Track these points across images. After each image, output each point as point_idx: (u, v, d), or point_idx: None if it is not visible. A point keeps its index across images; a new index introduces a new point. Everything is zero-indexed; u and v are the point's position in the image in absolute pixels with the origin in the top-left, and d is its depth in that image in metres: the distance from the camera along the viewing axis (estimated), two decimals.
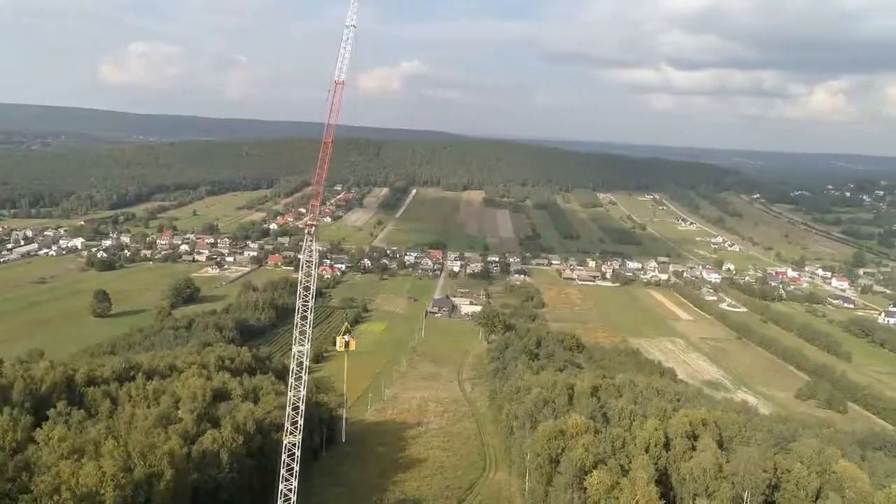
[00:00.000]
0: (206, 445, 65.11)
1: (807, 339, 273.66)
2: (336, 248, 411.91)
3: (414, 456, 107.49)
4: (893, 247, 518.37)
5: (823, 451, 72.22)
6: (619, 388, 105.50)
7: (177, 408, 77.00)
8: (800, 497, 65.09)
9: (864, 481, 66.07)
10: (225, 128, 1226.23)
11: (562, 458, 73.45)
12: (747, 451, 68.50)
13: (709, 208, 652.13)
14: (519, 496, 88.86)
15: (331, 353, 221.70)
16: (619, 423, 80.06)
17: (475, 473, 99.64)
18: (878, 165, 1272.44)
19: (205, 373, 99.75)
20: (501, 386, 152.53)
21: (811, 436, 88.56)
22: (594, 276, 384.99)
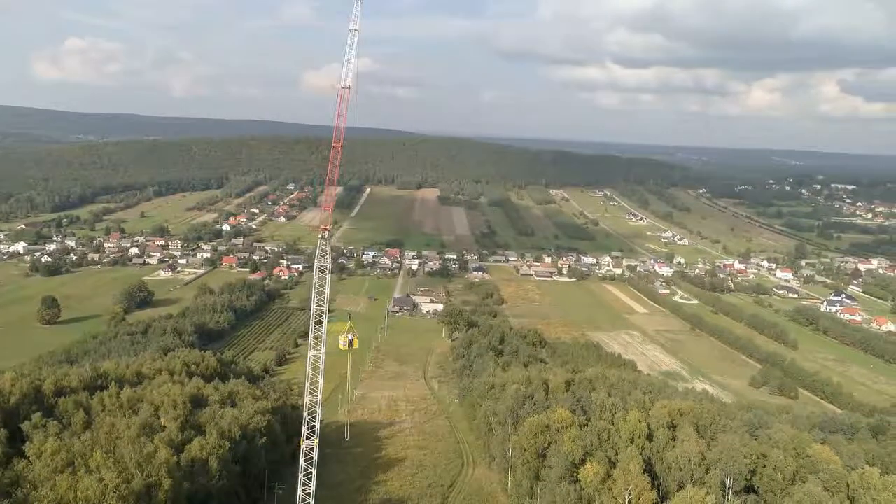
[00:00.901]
0: (195, 453, 63.89)
1: (756, 329, 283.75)
2: (292, 249, 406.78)
3: (392, 455, 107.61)
4: (831, 238, 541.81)
5: (797, 437, 75.62)
6: (591, 381, 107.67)
7: (157, 416, 75.15)
8: (777, 481, 67.97)
9: (837, 464, 69.45)
10: (171, 126, 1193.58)
11: (548, 452, 74.71)
12: (728, 439, 71.17)
13: (658, 203, 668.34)
14: (501, 492, 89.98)
15: (294, 355, 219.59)
16: (600, 415, 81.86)
17: (454, 471, 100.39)
18: (814, 160, 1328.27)
19: (177, 379, 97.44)
20: (471, 383, 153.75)
21: (777, 422, 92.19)
22: (551, 271, 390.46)
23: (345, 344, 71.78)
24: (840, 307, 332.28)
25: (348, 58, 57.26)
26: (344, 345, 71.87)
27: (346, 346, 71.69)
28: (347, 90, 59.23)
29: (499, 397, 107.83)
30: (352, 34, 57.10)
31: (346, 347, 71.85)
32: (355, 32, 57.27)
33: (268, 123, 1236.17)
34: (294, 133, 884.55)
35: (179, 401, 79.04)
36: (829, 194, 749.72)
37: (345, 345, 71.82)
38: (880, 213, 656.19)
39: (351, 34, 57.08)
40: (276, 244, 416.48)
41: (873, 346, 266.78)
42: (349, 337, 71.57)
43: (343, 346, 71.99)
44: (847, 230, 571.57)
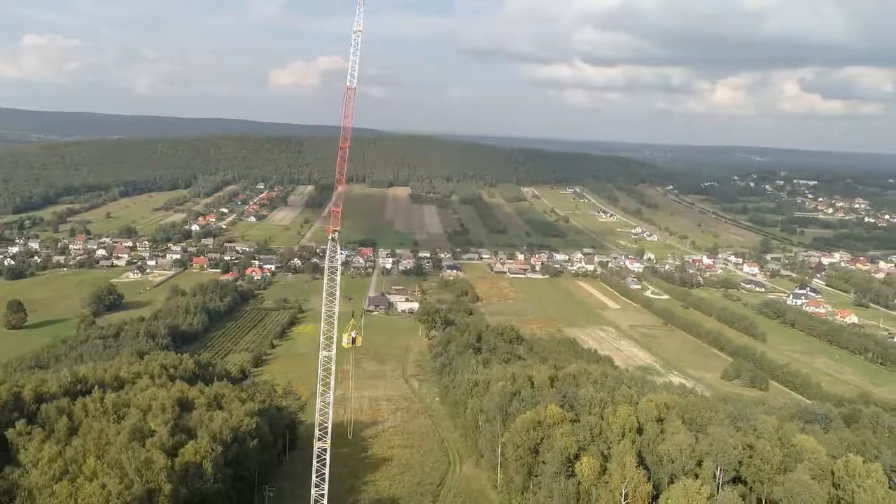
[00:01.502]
0: (188, 457, 63.05)
1: (726, 323, 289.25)
2: (264, 249, 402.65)
3: (378, 455, 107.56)
4: (795, 233, 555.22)
5: (782, 427, 77.64)
6: (575, 377, 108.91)
7: (145, 420, 73.89)
8: (765, 470, 69.75)
9: (821, 453, 71.51)
10: (135, 125, 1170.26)
11: (541, 447, 75.45)
12: (717, 431, 72.73)
13: (627, 200, 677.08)
14: (490, 488, 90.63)
15: (270, 356, 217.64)
16: (590, 411, 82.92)
17: (442, 469, 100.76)
18: (777, 157, 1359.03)
19: (159, 382, 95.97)
20: (452, 381, 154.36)
21: (757, 414, 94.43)
22: (524, 268, 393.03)
23: (349, 341, 71.54)
24: (805, 300, 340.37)
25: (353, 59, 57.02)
26: (348, 342, 71.68)
27: (350, 343, 71.45)
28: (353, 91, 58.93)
29: (484, 395, 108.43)
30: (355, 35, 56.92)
31: (349, 345, 71.66)
32: (359, 34, 57.07)
33: (235, 122, 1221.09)
34: (262, 132, 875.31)
35: (168, 404, 77.91)
36: (791, 190, 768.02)
37: (349, 342, 71.58)
38: (840, 208, 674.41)
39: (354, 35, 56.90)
40: (248, 244, 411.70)
41: (838, 338, 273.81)
42: (353, 334, 71.36)
43: (347, 343, 71.86)
44: (809, 225, 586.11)
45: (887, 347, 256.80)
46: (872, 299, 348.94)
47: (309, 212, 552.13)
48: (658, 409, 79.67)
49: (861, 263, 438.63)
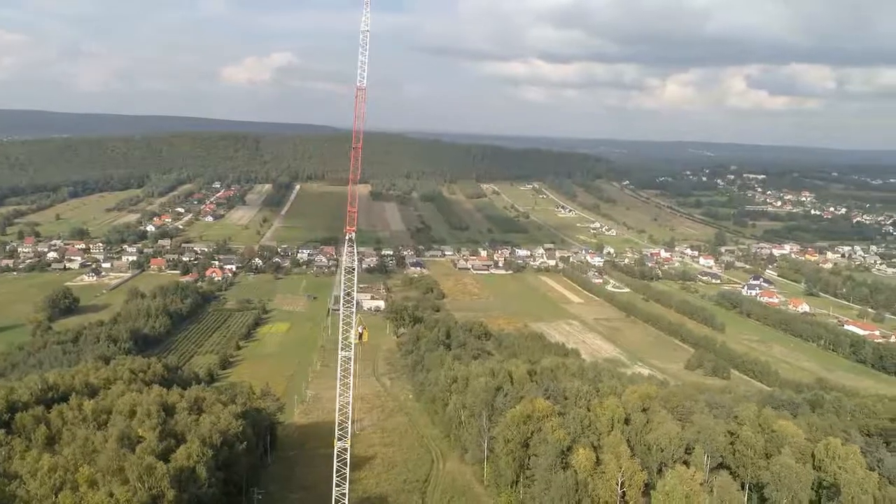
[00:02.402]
0: (181, 462, 61.79)
1: (686, 314, 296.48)
2: (223, 249, 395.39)
3: (360, 454, 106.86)
4: (746, 226, 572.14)
5: (762, 414, 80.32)
6: (553, 371, 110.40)
7: (129, 426, 72.01)
8: (749, 456, 72.12)
9: (801, 437, 74.28)
10: (82, 123, 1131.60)
11: (531, 441, 76.39)
12: (703, 419, 74.83)
13: (585, 195, 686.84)
14: (477, 483, 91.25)
15: (237, 357, 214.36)
16: (576, 403, 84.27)
17: (425, 466, 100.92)
18: (727, 151, 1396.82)
19: (135, 387, 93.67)
20: (426, 378, 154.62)
21: (729, 402, 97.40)
22: (487, 265, 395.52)
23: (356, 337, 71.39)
24: (759, 291, 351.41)
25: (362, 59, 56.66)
26: (355, 338, 71.46)
27: (357, 338, 71.36)
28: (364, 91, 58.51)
29: (464, 391, 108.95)
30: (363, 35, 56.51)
31: (356, 340, 71.51)
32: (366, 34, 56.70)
33: (188, 119, 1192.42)
34: (216, 129, 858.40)
35: (153, 409, 76.13)
36: (742, 184, 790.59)
37: (356, 338, 71.42)
38: (788, 201, 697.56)
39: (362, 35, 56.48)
40: (206, 245, 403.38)
41: (792, 327, 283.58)
42: (360, 329, 71.13)
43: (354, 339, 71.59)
44: (760, 218, 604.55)
45: (838, 335, 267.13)
46: (822, 288, 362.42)
47: (267, 211, 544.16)
48: (642, 399, 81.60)
49: (810, 254, 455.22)
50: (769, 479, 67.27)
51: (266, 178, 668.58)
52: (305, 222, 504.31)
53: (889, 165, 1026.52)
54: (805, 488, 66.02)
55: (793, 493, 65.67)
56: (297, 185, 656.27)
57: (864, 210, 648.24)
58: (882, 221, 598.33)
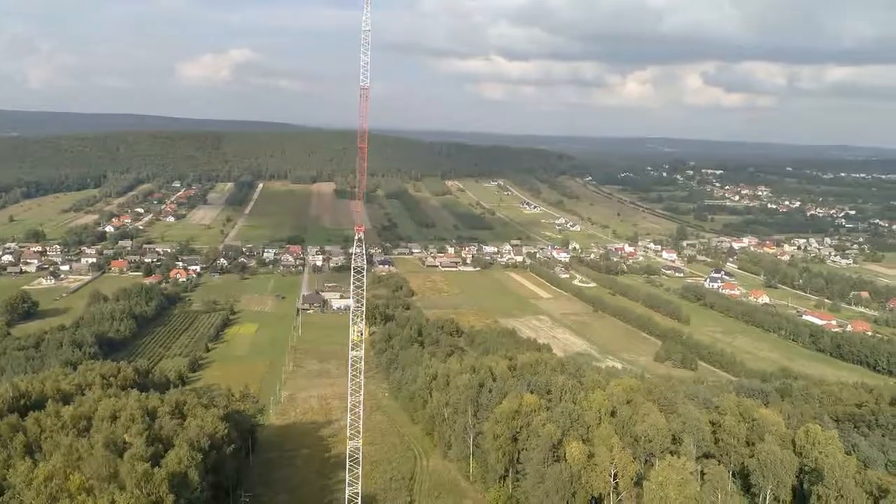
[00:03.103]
0: (173, 467, 60.61)
1: (652, 308, 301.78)
2: (186, 249, 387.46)
3: (342, 454, 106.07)
4: (706, 220, 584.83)
5: (742, 403, 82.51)
6: (533, 366, 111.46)
7: (113, 432, 70.30)
8: (732, 444, 74.08)
9: (781, 424, 76.58)
10: (33, 121, 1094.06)
11: (520, 435, 77.05)
12: (689, 410, 76.49)
13: (549, 192, 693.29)
14: (462, 479, 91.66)
15: (207, 360, 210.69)
16: (561, 397, 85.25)
17: (409, 464, 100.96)
18: (685, 147, 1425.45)
19: (111, 392, 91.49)
20: (404, 376, 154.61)
21: (712, 392, 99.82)
22: (455, 262, 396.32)
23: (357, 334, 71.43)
24: (721, 283, 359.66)
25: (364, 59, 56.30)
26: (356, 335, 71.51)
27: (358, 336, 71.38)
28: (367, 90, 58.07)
29: (445, 388, 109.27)
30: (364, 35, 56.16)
31: (357, 338, 71.50)
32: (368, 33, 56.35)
33: (145, 117, 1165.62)
34: (175, 127, 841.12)
35: (138, 414, 74.43)
36: (700, 179, 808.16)
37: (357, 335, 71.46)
38: (745, 196, 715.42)
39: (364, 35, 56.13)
40: (169, 245, 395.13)
41: (753, 318, 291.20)
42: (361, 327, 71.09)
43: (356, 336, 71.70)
44: (719, 212, 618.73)
45: (797, 325, 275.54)
46: (780, 280, 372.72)
47: (230, 210, 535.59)
48: (626, 392, 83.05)
49: (768, 247, 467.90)
50: (755, 466, 69.32)
51: (228, 176, 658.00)
52: (270, 221, 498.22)
53: (839, 160, 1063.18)
54: (790, 473, 68.22)
55: (778, 478, 67.85)
56: (259, 184, 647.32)
57: (818, 203, 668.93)
58: (834, 214, 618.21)
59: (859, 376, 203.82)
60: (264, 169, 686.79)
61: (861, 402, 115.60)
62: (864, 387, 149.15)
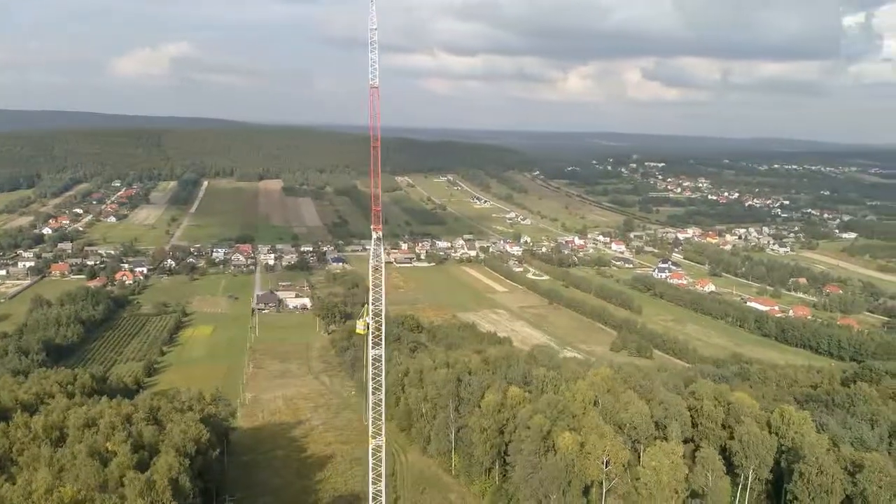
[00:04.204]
0: (163, 473, 58.88)
1: (605, 299, 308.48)
2: (131, 250, 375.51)
3: (319, 453, 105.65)
4: (651, 212, 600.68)
5: (717, 388, 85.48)
6: (506, 359, 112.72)
7: (94, 440, 67.75)
8: (710, 428, 76.77)
9: (755, 407, 79.76)
10: None
11: (506, 428, 77.93)
12: (670, 396, 78.81)
13: (498, 187, 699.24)
14: (444, 473, 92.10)
15: (163, 364, 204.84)
16: (543, 388, 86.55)
17: (388, 461, 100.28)
18: (627, 141, 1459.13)
19: (77, 400, 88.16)
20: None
21: (678, 379, 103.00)
22: (410, 257, 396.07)
23: (363, 328, 71.02)
24: (668, 273, 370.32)
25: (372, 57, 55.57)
26: (362, 328, 71.15)
27: (365, 329, 71.03)
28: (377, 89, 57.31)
29: (418, 383, 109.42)
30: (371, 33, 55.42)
31: (364, 331, 71.15)
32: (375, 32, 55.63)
33: (80, 114, 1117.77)
34: (113, 124, 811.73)
35: (118, 422, 71.87)
36: (644, 172, 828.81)
37: (363, 329, 71.08)
38: (687, 188, 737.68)
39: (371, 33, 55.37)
40: (112, 247, 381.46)
41: (701, 306, 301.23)
42: (367, 320, 70.69)
43: (361, 329, 71.41)
44: (663, 204, 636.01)
45: (743, 311, 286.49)
46: (724, 269, 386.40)
47: (175, 209, 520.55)
48: (605, 381, 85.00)
49: (710, 237, 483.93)
50: (738, 448, 72.19)
51: (170, 175, 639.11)
52: (217, 220, 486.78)
53: (773, 152, 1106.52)
54: (770, 453, 71.30)
55: (760, 458, 70.86)
56: (204, 182, 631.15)
57: (755, 194, 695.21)
58: (770, 204, 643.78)
59: (804, 359, 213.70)
60: (209, 166, 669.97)
61: (815, 383, 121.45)
62: (813, 369, 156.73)
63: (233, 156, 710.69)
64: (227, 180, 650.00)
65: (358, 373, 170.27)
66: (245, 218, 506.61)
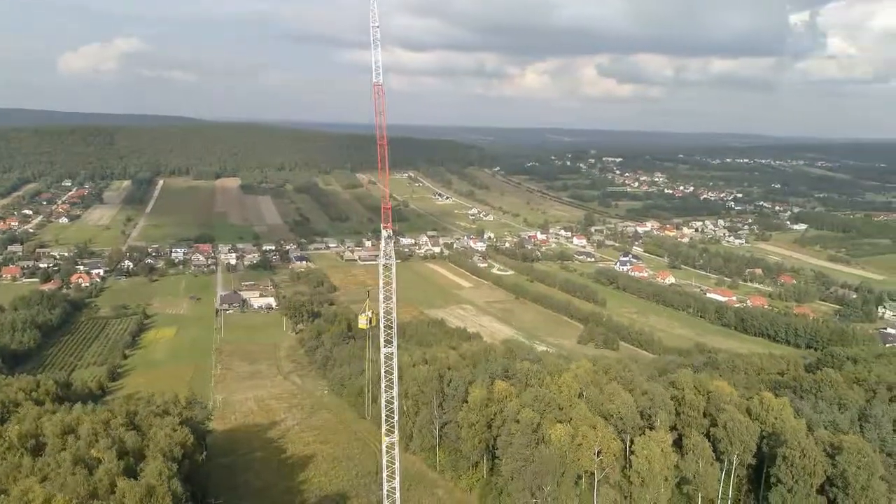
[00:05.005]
0: (154, 479, 57.40)
1: (570, 292, 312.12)
2: (86, 252, 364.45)
3: (299, 454, 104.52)
4: (610, 206, 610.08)
5: (697, 378, 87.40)
6: (484, 353, 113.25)
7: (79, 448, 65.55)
8: (693, 416, 78.54)
9: (734, 395, 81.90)
10: None
11: (493, 422, 78.32)
12: (654, 387, 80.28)
13: (459, 183, 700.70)
14: (428, 469, 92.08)
15: (126, 367, 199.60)
16: (528, 382, 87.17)
17: (370, 459, 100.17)
18: (584, 137, 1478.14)
19: (48, 408, 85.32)
20: (344, 371, 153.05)
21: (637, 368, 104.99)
22: (374, 255, 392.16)
23: (366, 322, 70.64)
24: (630, 266, 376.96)
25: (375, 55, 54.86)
26: (365, 323, 70.76)
27: (367, 324, 70.71)
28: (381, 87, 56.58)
29: (400, 380, 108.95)
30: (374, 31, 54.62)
31: (366, 325, 70.78)
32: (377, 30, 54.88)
33: (27, 112, 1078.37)
34: (63, 122, 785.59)
35: (100, 428, 69.70)
36: (602, 167, 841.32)
37: (365, 323, 70.72)
38: (644, 182, 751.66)
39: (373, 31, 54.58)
40: (66, 248, 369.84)
41: (663, 297, 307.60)
42: (369, 314, 70.28)
43: (364, 324, 71.00)
44: (621, 198, 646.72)
45: (703, 302, 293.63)
46: (683, 261, 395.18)
47: (130, 209, 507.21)
48: (588, 374, 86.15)
49: (668, 230, 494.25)
50: (723, 435, 74.07)
51: (124, 173, 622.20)
52: (174, 219, 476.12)
53: (724, 147, 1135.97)
54: (754, 438, 73.39)
55: (744, 444, 72.90)
56: (160, 181, 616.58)
57: (709, 188, 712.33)
58: (724, 198, 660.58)
59: (763, 347, 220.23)
60: (163, 165, 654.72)
61: (781, 370, 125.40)
62: (775, 356, 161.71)
63: (188, 154, 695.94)
64: (183, 179, 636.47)
65: (330, 372, 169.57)
66: (203, 217, 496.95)
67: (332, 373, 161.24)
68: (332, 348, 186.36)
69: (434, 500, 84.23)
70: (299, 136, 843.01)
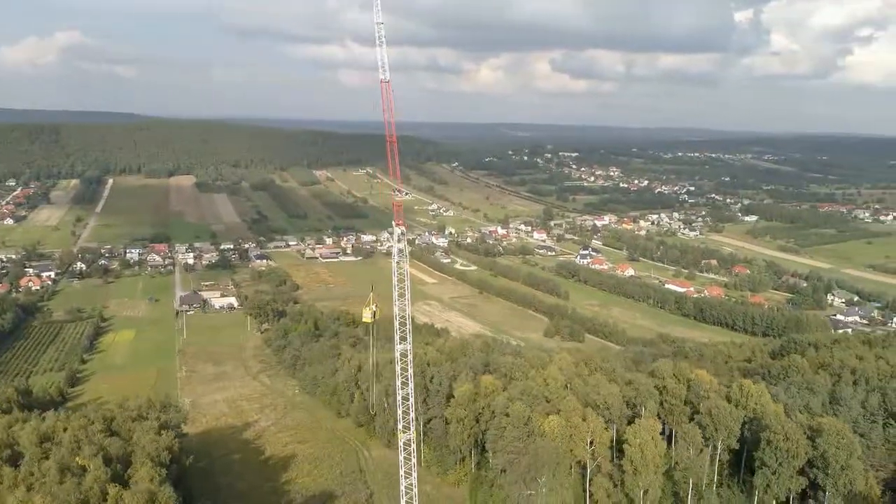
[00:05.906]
0: (145, 485, 55.81)
1: (533, 286, 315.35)
2: (34, 254, 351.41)
3: (279, 454, 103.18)
4: (568, 200, 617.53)
5: (676, 367, 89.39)
6: (462, 349, 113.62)
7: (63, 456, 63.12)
8: (675, 404, 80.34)
9: (714, 383, 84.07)
10: None
11: (481, 417, 78.63)
12: (639, 377, 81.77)
13: (418, 178, 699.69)
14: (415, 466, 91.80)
15: (86, 373, 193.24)
16: (512, 375, 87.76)
17: (352, 457, 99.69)
18: (538, 132, 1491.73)
19: (21, 416, 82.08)
20: (317, 371, 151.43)
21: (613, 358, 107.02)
22: (336, 252, 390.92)
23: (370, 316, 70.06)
24: (590, 259, 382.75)
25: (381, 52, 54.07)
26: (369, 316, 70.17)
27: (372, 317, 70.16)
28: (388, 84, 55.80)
29: (378, 378, 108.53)
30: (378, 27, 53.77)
31: (371, 319, 70.24)
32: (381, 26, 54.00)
33: None
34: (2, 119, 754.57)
35: (81, 435, 67.28)
36: (558, 162, 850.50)
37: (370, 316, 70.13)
38: (600, 176, 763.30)
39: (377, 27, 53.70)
40: (13, 250, 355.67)
41: (624, 289, 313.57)
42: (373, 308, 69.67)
43: (368, 318, 70.36)
44: (578, 192, 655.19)
45: (663, 293, 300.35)
46: (641, 254, 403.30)
47: (79, 209, 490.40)
48: (571, 366, 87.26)
49: (626, 223, 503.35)
50: (707, 421, 76.02)
51: (72, 172, 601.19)
52: (127, 219, 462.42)
53: (676, 141, 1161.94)
54: (737, 424, 75.61)
55: (728, 429, 75.00)
56: (110, 179, 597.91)
57: (662, 181, 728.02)
58: (678, 191, 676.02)
59: (723, 336, 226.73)
60: (113, 163, 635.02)
61: (747, 357, 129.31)
62: (736, 344, 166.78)
63: (139, 151, 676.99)
64: (134, 177, 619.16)
65: (300, 371, 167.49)
66: (157, 216, 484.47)
67: (303, 372, 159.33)
68: (301, 347, 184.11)
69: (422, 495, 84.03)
70: (254, 133, 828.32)
